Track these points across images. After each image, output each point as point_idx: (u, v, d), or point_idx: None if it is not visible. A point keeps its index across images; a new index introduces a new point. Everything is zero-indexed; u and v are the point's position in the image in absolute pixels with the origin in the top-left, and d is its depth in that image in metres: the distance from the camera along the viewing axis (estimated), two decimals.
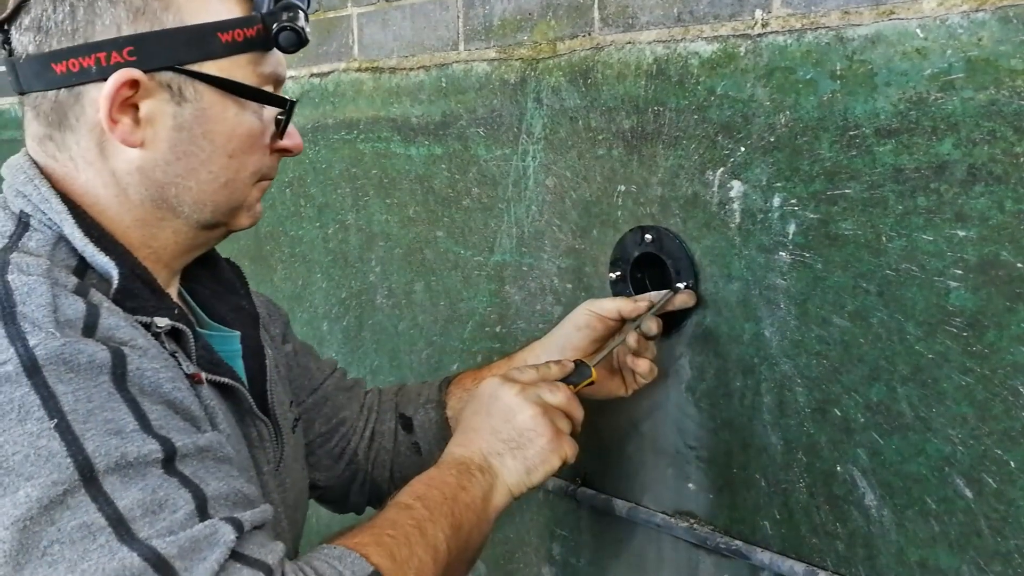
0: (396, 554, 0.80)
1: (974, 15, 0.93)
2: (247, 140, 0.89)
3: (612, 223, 1.31)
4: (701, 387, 1.23)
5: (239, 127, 0.88)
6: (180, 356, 0.83)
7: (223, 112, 0.86)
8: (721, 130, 1.15)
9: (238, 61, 0.87)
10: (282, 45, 0.87)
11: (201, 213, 0.89)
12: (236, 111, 0.87)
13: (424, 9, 1.56)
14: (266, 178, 0.95)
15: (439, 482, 0.93)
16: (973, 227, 0.95)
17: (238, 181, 0.90)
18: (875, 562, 1.08)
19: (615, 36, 1.27)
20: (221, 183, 0.89)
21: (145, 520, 0.67)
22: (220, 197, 0.90)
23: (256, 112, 0.89)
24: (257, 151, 0.91)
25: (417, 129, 1.60)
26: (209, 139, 0.86)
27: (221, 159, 0.88)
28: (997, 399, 0.95)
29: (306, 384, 1.20)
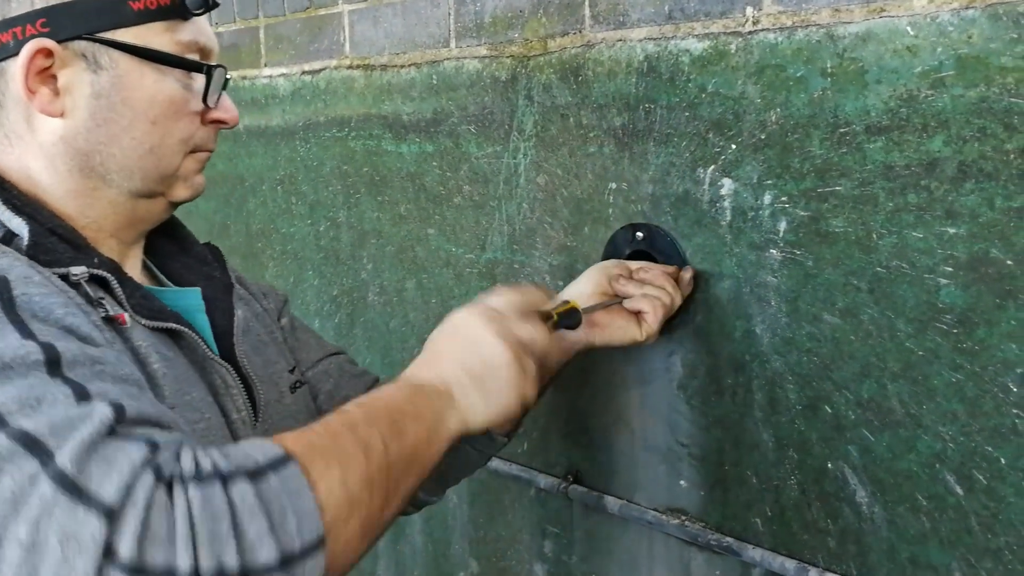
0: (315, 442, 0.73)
1: (964, 13, 0.93)
2: (170, 106, 0.90)
3: (603, 220, 1.31)
4: (693, 384, 1.24)
5: (159, 93, 0.89)
6: (107, 302, 0.83)
7: (140, 79, 0.88)
8: (712, 127, 1.15)
9: (154, 28, 0.89)
10: (189, 9, 0.90)
11: (131, 181, 0.90)
12: (155, 78, 0.89)
13: (415, 6, 1.55)
14: (200, 149, 0.96)
15: (386, 394, 0.86)
16: (963, 224, 0.95)
17: (164, 147, 0.91)
18: (866, 559, 1.08)
19: (606, 33, 1.27)
20: (146, 149, 0.90)
21: (21, 413, 0.63)
22: (147, 163, 0.90)
23: (181, 80, 0.91)
24: (183, 118, 0.92)
25: (408, 126, 1.60)
26: (129, 105, 0.88)
27: (143, 125, 0.89)
28: (987, 396, 0.96)
29: (305, 356, 1.17)
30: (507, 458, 1.54)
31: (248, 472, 0.66)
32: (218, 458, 0.66)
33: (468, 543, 1.67)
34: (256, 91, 1.95)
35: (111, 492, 0.59)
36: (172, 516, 0.61)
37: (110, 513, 0.58)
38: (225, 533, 0.61)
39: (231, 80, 0.94)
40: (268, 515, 0.64)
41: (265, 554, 0.63)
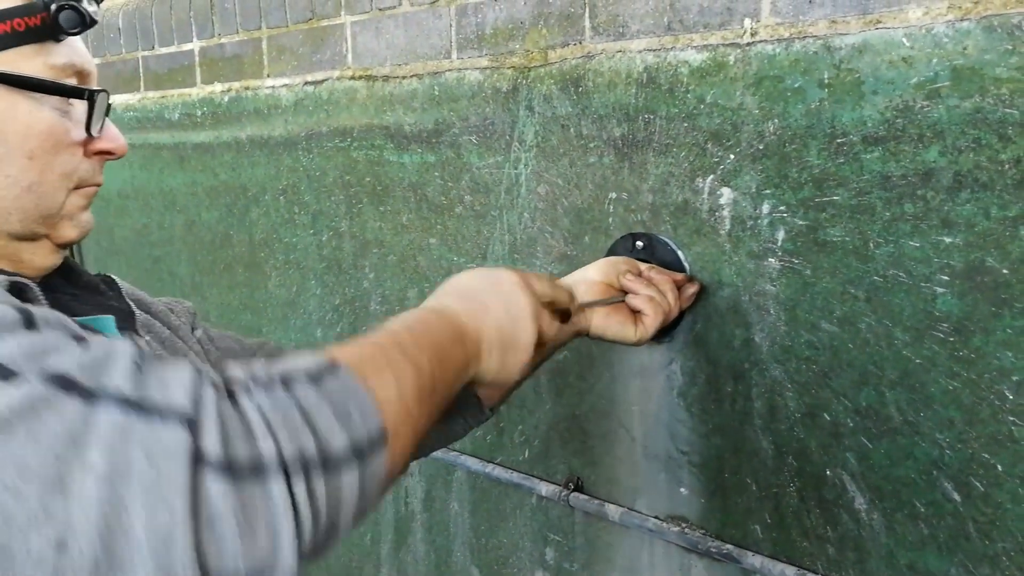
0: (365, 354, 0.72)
1: (959, 24, 0.94)
2: (48, 138, 0.82)
3: (604, 230, 1.32)
4: (693, 392, 1.24)
5: (36, 124, 0.81)
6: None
7: (12, 109, 0.79)
8: (711, 138, 1.16)
9: (23, 52, 0.80)
10: (63, 27, 0.80)
11: (8, 223, 0.82)
12: (29, 107, 0.80)
13: (417, 18, 1.57)
14: (86, 184, 0.87)
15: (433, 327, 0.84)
16: (959, 233, 0.96)
17: (45, 185, 0.83)
18: (865, 565, 1.09)
19: (606, 45, 1.28)
20: (23, 187, 0.81)
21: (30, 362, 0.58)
22: (26, 203, 0.82)
23: (58, 108, 0.82)
24: (64, 151, 0.83)
25: (410, 137, 1.61)
26: (1, 140, 0.79)
27: (19, 161, 0.80)
28: (984, 403, 0.97)
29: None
30: (508, 466, 1.55)
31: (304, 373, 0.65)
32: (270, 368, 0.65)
33: (470, 551, 1.68)
34: (259, 102, 1.96)
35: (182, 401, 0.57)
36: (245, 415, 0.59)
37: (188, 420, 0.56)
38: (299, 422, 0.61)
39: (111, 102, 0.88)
40: (332, 407, 0.63)
41: (337, 441, 0.62)
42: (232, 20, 2.00)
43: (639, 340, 1.13)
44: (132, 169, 2.43)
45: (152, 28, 2.27)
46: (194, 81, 2.16)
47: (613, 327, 1.12)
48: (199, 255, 2.26)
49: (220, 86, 2.08)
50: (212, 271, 2.23)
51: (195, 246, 2.27)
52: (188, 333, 1.07)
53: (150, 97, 2.33)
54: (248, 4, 1.94)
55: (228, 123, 2.06)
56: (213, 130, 2.12)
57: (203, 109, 2.14)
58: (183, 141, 2.23)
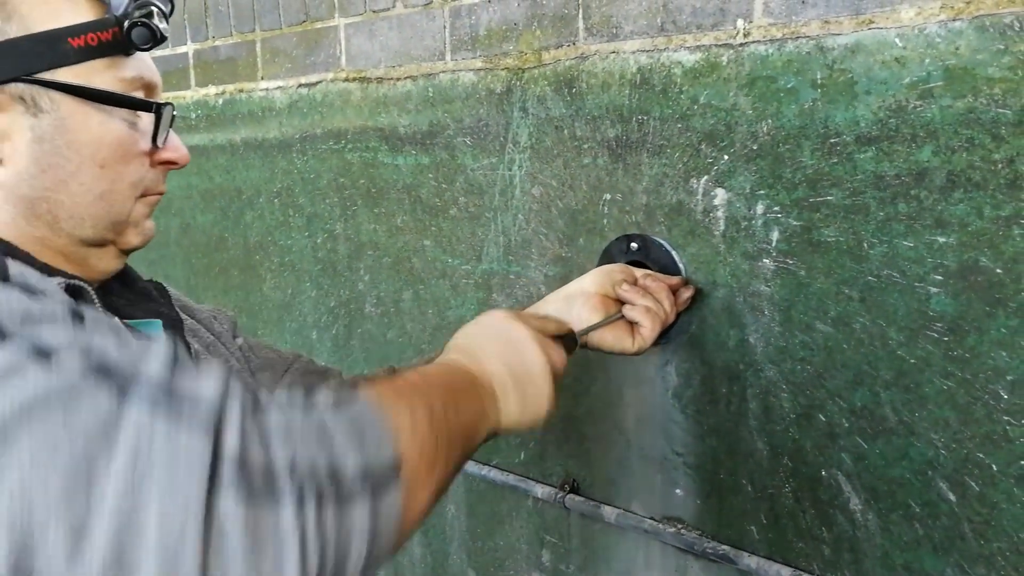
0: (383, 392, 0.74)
1: (951, 24, 0.94)
2: (118, 149, 0.85)
3: (598, 231, 1.32)
4: (688, 394, 1.24)
5: (107, 135, 0.84)
6: None
7: (85, 121, 0.83)
8: (705, 139, 1.16)
9: (95, 67, 0.83)
10: (135, 43, 0.84)
11: (81, 229, 0.86)
12: (101, 119, 0.84)
13: (411, 20, 1.57)
14: (151, 192, 0.91)
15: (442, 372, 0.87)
16: (953, 233, 0.96)
17: (116, 193, 0.87)
18: (861, 566, 1.09)
19: (599, 46, 1.28)
20: (96, 195, 0.85)
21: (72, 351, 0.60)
22: (98, 210, 0.86)
23: (127, 120, 0.86)
24: (133, 161, 0.87)
25: (404, 139, 1.61)
26: (74, 149, 0.83)
27: (91, 169, 0.85)
28: (978, 403, 0.97)
29: (271, 374, 1.17)
30: (505, 468, 1.55)
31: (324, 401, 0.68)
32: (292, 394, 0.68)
33: (466, 553, 1.68)
34: (253, 104, 1.96)
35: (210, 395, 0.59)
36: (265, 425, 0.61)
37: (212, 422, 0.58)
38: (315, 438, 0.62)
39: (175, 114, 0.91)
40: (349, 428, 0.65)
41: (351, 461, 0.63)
42: (226, 22, 2.00)
43: (638, 351, 1.13)
44: None
45: None
46: (188, 84, 2.16)
47: (610, 340, 1.12)
48: (194, 258, 2.26)
49: (214, 88, 2.07)
50: (207, 274, 2.23)
51: (190, 249, 2.26)
52: (230, 340, 1.11)
53: None
54: (242, 6, 1.94)
55: (222, 126, 2.06)
56: (207, 133, 2.11)
57: (197, 112, 2.14)
58: None
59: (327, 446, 0.63)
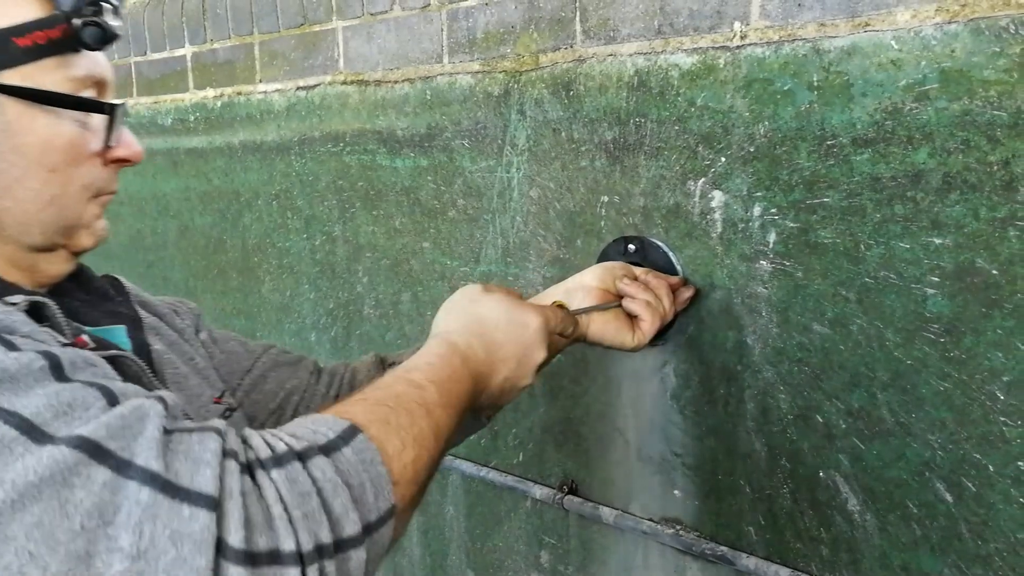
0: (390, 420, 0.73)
1: (947, 27, 0.94)
2: (69, 152, 0.81)
3: (596, 233, 1.32)
4: (686, 395, 1.25)
5: (56, 138, 0.80)
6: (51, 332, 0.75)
7: (32, 124, 0.79)
8: (702, 141, 1.16)
9: (43, 66, 0.79)
10: (87, 43, 0.80)
11: (29, 235, 0.82)
12: (48, 121, 0.79)
13: (408, 22, 1.57)
14: (103, 192, 0.87)
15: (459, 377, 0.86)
16: (949, 235, 0.96)
17: (67, 197, 0.83)
18: (859, 566, 1.09)
19: (597, 48, 1.28)
20: (46, 200, 0.81)
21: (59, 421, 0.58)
22: (48, 216, 0.82)
23: (77, 120, 0.82)
24: (84, 163, 0.83)
25: (403, 141, 1.61)
26: (21, 154, 0.79)
27: (40, 174, 0.80)
28: (975, 404, 0.97)
29: (236, 367, 1.13)
30: (503, 469, 1.55)
31: (321, 447, 0.66)
32: (287, 438, 0.66)
33: (465, 554, 1.68)
34: (251, 107, 1.96)
35: (209, 484, 0.58)
36: (265, 501, 0.60)
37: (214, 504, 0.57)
38: (316, 510, 0.62)
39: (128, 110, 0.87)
40: (349, 488, 0.65)
41: (351, 527, 0.64)
42: (224, 25, 2.00)
43: (636, 345, 1.13)
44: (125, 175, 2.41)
45: (144, 34, 2.27)
46: (187, 86, 2.16)
47: (610, 333, 1.12)
48: (193, 260, 2.26)
49: (213, 91, 2.08)
50: (206, 276, 2.23)
51: (189, 251, 2.27)
52: (193, 335, 1.08)
53: (143, 103, 2.33)
54: (240, 9, 1.94)
55: (221, 128, 2.06)
56: (206, 135, 2.12)
57: (196, 114, 2.14)
58: (176, 146, 2.23)
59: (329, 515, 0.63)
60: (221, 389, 1.04)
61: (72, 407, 0.60)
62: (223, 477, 0.59)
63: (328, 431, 0.68)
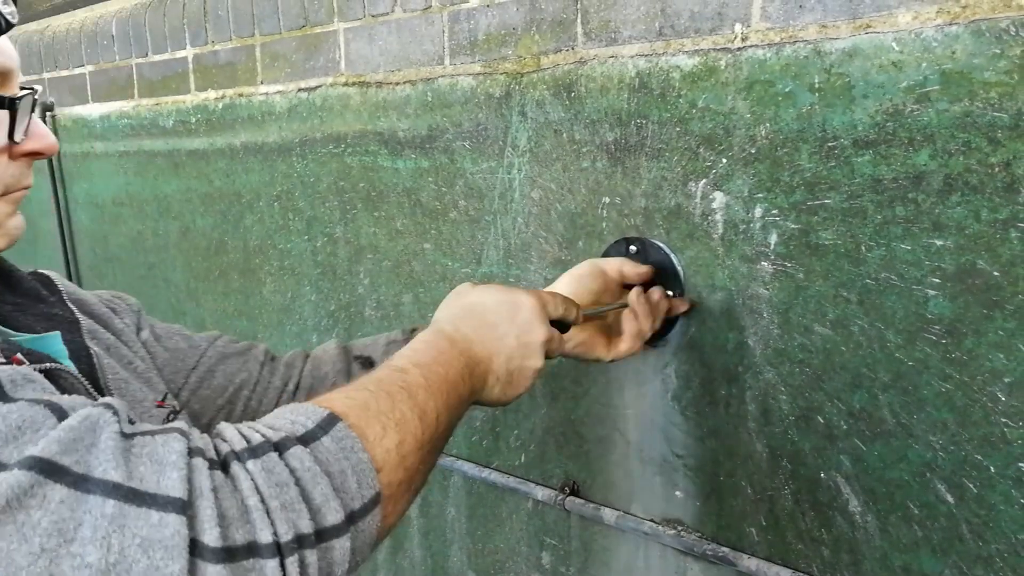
0: (370, 404, 0.70)
1: (948, 29, 0.94)
2: None
3: (597, 234, 1.32)
4: (687, 396, 1.25)
5: None
6: None
7: None
8: (703, 142, 1.16)
9: None
10: None
11: None
12: None
13: (410, 24, 1.57)
14: (13, 189, 0.79)
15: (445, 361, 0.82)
16: (950, 236, 0.96)
17: None
18: (860, 567, 1.09)
19: (598, 50, 1.28)
20: None
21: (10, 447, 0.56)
22: None
23: None
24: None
25: (404, 143, 1.62)
26: None
27: None
28: (976, 405, 0.97)
29: (181, 365, 1.07)
30: (504, 471, 1.55)
31: (299, 437, 0.64)
32: (264, 429, 0.64)
33: (466, 555, 1.68)
34: (252, 108, 1.96)
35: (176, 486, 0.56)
36: (240, 493, 0.58)
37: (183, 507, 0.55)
38: (295, 500, 0.60)
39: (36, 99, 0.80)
40: (329, 476, 0.62)
41: (332, 515, 0.62)
42: (225, 27, 2.00)
43: (610, 360, 1.12)
44: (127, 176, 2.43)
45: (145, 35, 2.27)
46: (188, 88, 2.17)
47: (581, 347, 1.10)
48: (194, 262, 2.26)
49: (214, 93, 2.08)
50: (207, 277, 2.23)
51: (190, 253, 2.27)
52: (133, 336, 1.02)
53: (144, 104, 2.33)
54: (241, 11, 1.94)
55: (222, 130, 2.06)
56: (207, 137, 2.12)
57: (197, 116, 2.14)
58: (177, 148, 2.23)
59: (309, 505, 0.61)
60: (163, 392, 0.99)
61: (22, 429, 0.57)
62: (191, 477, 0.57)
63: (307, 420, 0.65)
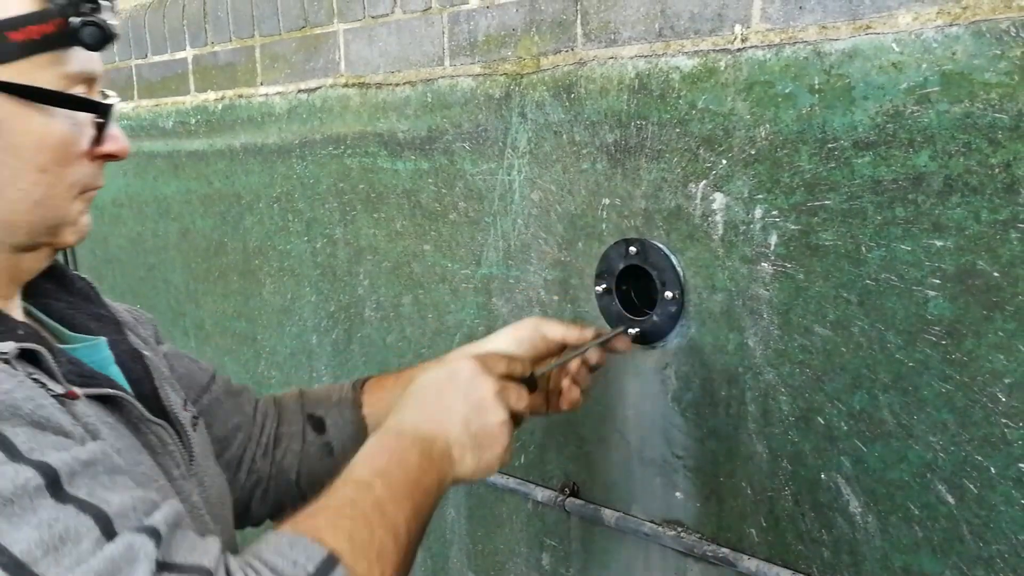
0: (354, 535, 0.75)
1: (948, 30, 0.94)
2: (60, 151, 0.79)
3: (597, 236, 1.32)
4: (687, 397, 1.25)
5: (48, 137, 0.77)
6: (42, 377, 0.74)
7: (26, 123, 0.76)
8: (703, 143, 1.17)
9: (37, 62, 0.76)
10: (87, 42, 0.77)
11: (14, 236, 0.80)
12: (42, 120, 0.77)
13: (409, 25, 1.57)
14: (89, 188, 0.84)
15: (400, 459, 0.86)
16: (950, 237, 0.96)
17: (55, 197, 0.80)
18: (860, 568, 1.09)
19: (598, 51, 1.28)
20: (34, 201, 0.79)
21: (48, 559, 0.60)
22: (34, 217, 0.79)
23: (69, 117, 0.79)
24: (74, 161, 0.80)
25: (404, 144, 1.62)
26: (13, 154, 0.76)
27: (31, 175, 0.77)
28: (976, 406, 0.97)
29: (194, 382, 1.12)
30: (504, 472, 1.55)
31: None
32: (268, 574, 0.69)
33: (466, 556, 1.68)
34: (252, 109, 1.96)
35: None
36: None
37: None
38: None
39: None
40: None
41: None
42: (225, 28, 2.00)
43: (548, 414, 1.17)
44: (126, 177, 2.43)
45: (145, 36, 2.27)
46: (188, 89, 2.17)
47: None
48: (194, 263, 2.26)
49: (214, 94, 2.08)
50: (207, 279, 2.23)
51: (190, 254, 2.27)
52: (155, 346, 1.06)
53: (144, 105, 2.33)
54: (241, 12, 1.95)
55: (222, 131, 2.06)
56: (207, 138, 2.12)
57: (197, 117, 2.14)
58: (177, 149, 2.23)
59: None
60: (184, 398, 1.02)
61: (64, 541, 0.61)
62: None
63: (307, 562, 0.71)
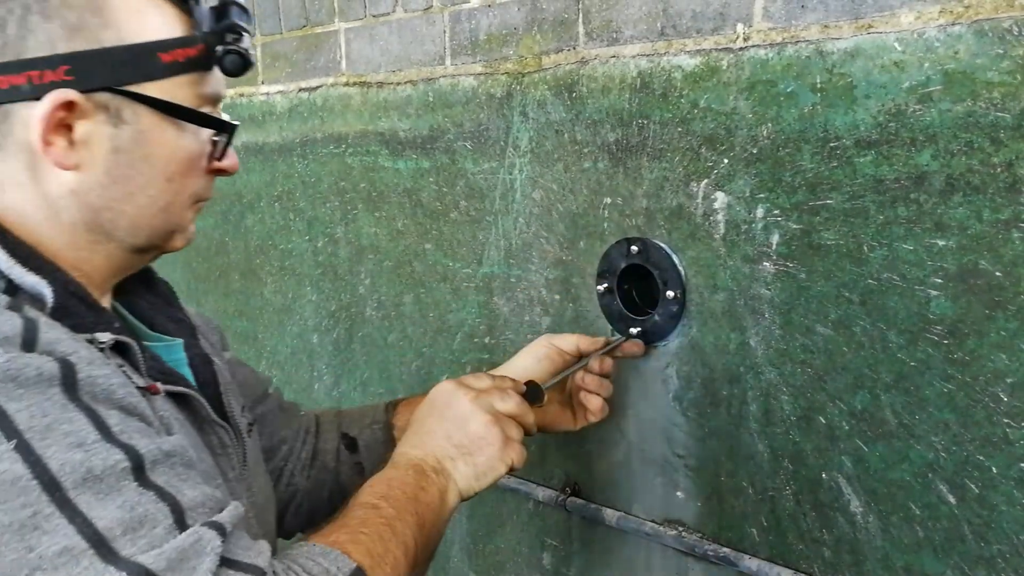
0: (372, 550, 0.83)
1: (950, 29, 0.94)
2: (187, 163, 0.87)
3: (599, 235, 1.32)
4: (689, 396, 1.25)
5: (179, 150, 0.85)
6: (128, 370, 0.81)
7: (162, 135, 0.84)
8: (705, 142, 1.16)
9: (178, 82, 0.84)
10: (228, 69, 0.85)
11: (136, 238, 0.87)
12: (176, 134, 0.85)
13: (411, 24, 1.57)
14: (202, 199, 0.92)
15: (399, 482, 0.94)
16: (952, 236, 0.96)
17: (176, 205, 0.88)
18: (861, 568, 1.09)
19: (599, 50, 1.28)
20: (159, 207, 0.86)
21: (126, 538, 0.66)
22: (157, 222, 0.87)
23: (195, 133, 0.87)
24: (195, 174, 0.88)
25: (405, 143, 1.62)
26: (148, 163, 0.84)
27: (160, 183, 0.85)
28: (978, 405, 0.97)
29: (251, 391, 1.18)
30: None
31: None
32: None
33: (467, 556, 1.68)
34: (253, 108, 1.96)
35: None
36: None
37: None
38: None
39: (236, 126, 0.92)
40: None
41: None
42: None
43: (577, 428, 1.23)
44: None
45: None
46: None
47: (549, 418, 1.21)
48: (195, 262, 2.26)
49: None
50: (208, 278, 2.23)
51: (190, 253, 2.27)
52: (220, 353, 1.12)
53: None
54: None
55: None
56: None
57: None
58: None
59: None
60: (242, 403, 1.08)
61: (142, 523, 0.67)
62: None
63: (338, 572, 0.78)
